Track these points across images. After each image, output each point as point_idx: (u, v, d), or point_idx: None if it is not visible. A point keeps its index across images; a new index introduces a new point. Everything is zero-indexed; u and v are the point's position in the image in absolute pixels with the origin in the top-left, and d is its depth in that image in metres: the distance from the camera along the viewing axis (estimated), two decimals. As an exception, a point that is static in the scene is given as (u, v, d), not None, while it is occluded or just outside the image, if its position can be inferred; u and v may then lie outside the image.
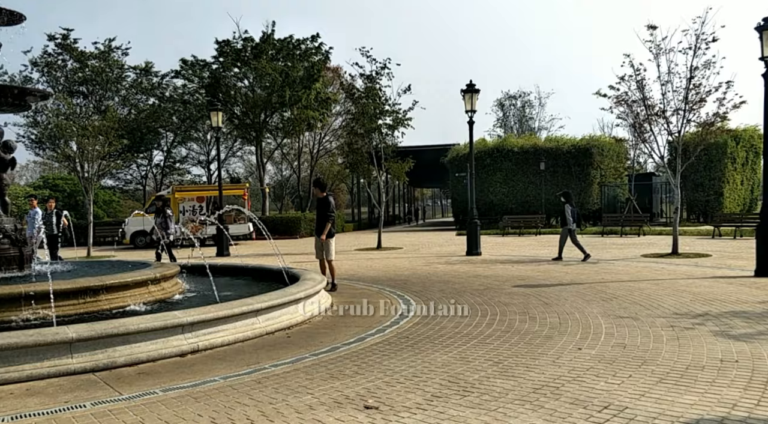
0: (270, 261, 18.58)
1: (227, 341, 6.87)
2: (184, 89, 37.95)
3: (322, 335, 7.33)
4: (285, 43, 36.19)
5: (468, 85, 19.54)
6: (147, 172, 41.41)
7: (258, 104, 34.82)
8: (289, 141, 45.16)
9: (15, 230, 9.00)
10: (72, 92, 34.62)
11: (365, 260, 17.83)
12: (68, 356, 5.82)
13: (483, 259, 17.49)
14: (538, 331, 7.40)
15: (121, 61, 35.76)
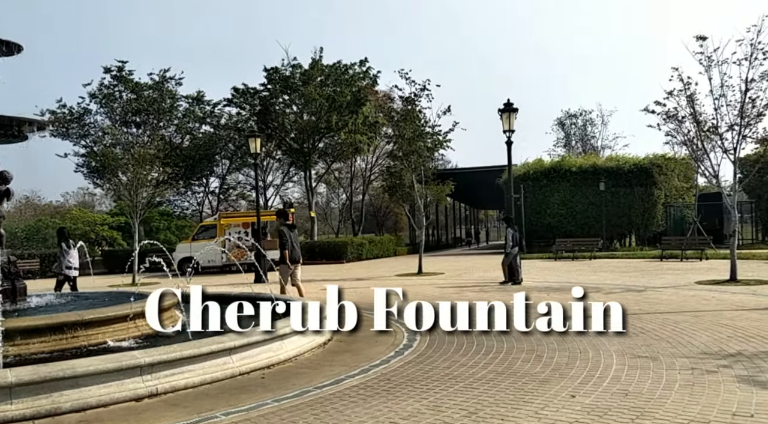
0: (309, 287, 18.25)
1: (193, 382, 6.41)
2: (238, 117, 38.58)
3: (300, 376, 6.79)
4: (333, 68, 36.31)
5: (505, 104, 18.79)
6: (203, 199, 42.20)
7: (305, 130, 34.94)
8: (341, 165, 45.20)
9: (8, 262, 8.89)
10: (126, 122, 35.70)
11: (396, 287, 17.16)
12: (7, 403, 5.47)
13: (520, 287, 16.55)
14: (537, 373, 6.62)
15: (174, 91, 36.69)
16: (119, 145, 32.05)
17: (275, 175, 44.85)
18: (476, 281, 19.16)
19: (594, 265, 23.94)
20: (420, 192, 22.23)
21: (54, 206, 51.19)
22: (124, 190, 23.44)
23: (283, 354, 7.49)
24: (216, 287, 16.76)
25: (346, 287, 17.79)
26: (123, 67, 34.86)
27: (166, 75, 36.19)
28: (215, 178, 41.54)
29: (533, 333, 9.07)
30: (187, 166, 37.89)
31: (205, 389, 6.36)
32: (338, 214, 56.37)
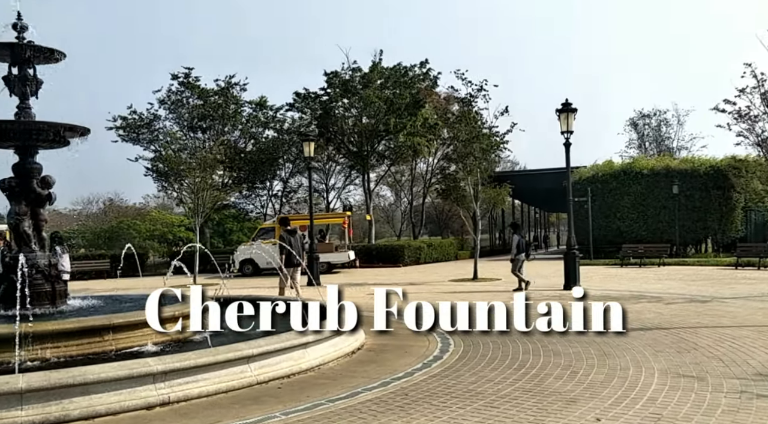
0: (356, 291, 18.10)
1: (207, 391, 6.30)
2: (300, 121, 38.98)
3: (316, 388, 6.57)
4: (393, 70, 36.16)
5: (563, 104, 18.07)
6: (266, 202, 42.88)
7: (364, 133, 34.92)
8: (401, 168, 44.95)
9: (49, 265, 9.08)
10: (193, 127, 36.63)
11: (446, 293, 16.79)
12: (18, 408, 5.48)
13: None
14: (566, 392, 6.18)
15: (239, 96, 37.41)
16: (186, 150, 32.97)
17: (337, 179, 45.12)
18: (533, 287, 18.51)
19: (661, 272, 22.79)
20: (476, 195, 21.71)
21: (136, 208, 53.06)
22: (188, 193, 23.96)
23: (306, 363, 7.29)
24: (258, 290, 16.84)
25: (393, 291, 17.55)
26: (189, 74, 35.82)
27: (231, 81, 36.98)
28: (278, 182, 42.12)
29: (577, 343, 8.62)
30: (250, 170, 38.53)
31: (218, 399, 6.23)
32: (400, 217, 56.14)
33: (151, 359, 6.24)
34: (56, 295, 9.07)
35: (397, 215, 60.55)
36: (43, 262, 9.07)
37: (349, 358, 8.02)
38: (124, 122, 36.33)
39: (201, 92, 36.05)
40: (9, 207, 9.44)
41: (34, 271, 8.94)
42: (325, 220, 31.68)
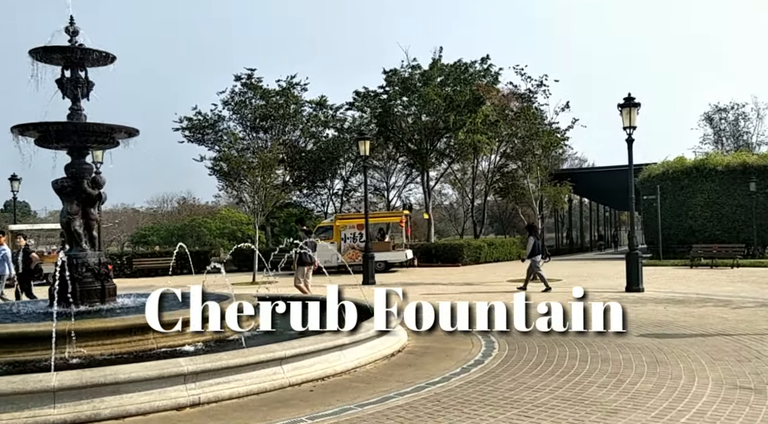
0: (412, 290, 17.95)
1: (238, 393, 6.26)
2: (360, 120, 39.09)
3: (348, 392, 6.43)
4: (453, 67, 35.73)
5: (626, 98, 17.36)
6: (327, 200, 43.20)
7: (423, 131, 34.64)
8: (463, 165, 44.44)
9: (98, 264, 9.29)
10: (254, 127, 37.26)
11: (500, 294, 16.36)
12: (50, 406, 5.57)
13: (640, 297, 15.15)
14: (608, 402, 5.82)
15: (299, 96, 37.81)
16: (249, 150, 33.58)
17: (398, 177, 45.00)
18: (594, 288, 17.86)
19: (734, 274, 21.62)
20: (535, 194, 21.18)
21: (208, 207, 54.59)
22: (248, 193, 24.37)
23: (341, 366, 7.17)
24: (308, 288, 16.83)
25: (450, 292, 17.32)
26: (252, 75, 36.48)
27: (293, 81, 37.41)
28: (339, 180, 42.39)
29: (630, 348, 8.19)
30: (311, 169, 38.89)
31: (248, 401, 6.17)
32: (463, 215, 55.50)
33: (182, 359, 6.25)
34: (105, 292, 9.28)
35: (460, 214, 59.91)
36: (93, 260, 9.29)
37: (388, 361, 7.85)
38: (189, 123, 37.31)
39: (263, 93, 36.65)
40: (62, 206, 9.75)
41: (84, 269, 9.18)
42: (383, 218, 31.56)
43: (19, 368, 6.88)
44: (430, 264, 30.01)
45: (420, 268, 28.55)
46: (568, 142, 22.20)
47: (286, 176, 37.12)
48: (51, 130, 9.31)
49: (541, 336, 9.28)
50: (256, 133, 37.58)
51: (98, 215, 9.88)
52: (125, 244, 54.64)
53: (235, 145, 35.04)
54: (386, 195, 45.96)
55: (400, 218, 28.37)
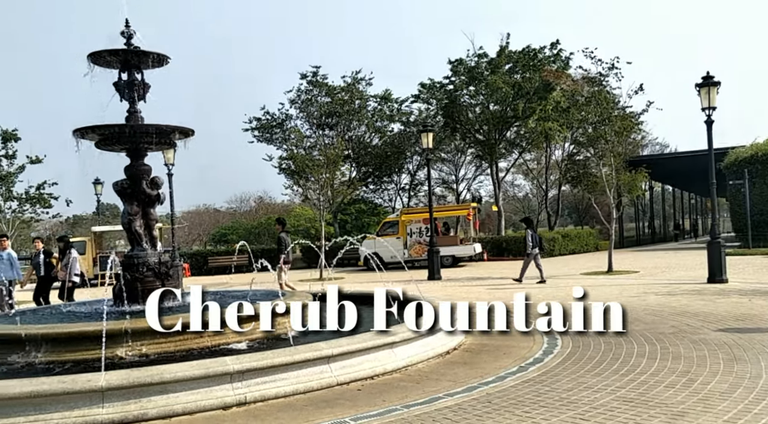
0: (478, 285, 17.56)
1: (284, 392, 6.15)
2: (426, 112, 38.73)
3: (396, 391, 6.21)
4: (522, 54, 34.81)
5: (704, 77, 16.31)
6: (394, 195, 43.11)
7: (490, 120, 33.93)
8: (535, 155, 43.39)
9: (159, 263, 9.43)
10: (320, 125, 37.54)
11: (571, 288, 15.68)
12: (99, 406, 5.61)
13: (722, 288, 14.20)
14: (675, 403, 5.36)
15: (364, 91, 37.82)
16: (315, 147, 33.86)
17: (467, 169, 44.39)
18: (673, 279, 16.97)
19: (831, 261, 20.05)
20: (609, 182, 20.22)
21: (284, 205, 55.68)
22: (313, 190, 24.54)
23: (392, 364, 6.96)
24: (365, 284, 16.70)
25: (517, 287, 16.77)
26: (317, 72, 36.74)
27: (357, 76, 37.48)
28: (406, 174, 42.20)
29: (706, 344, 7.61)
30: (376, 164, 38.86)
31: (294, 400, 6.06)
32: (537, 207, 54.22)
33: (228, 358, 6.18)
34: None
35: (534, 206, 58.62)
36: (153, 260, 9.44)
37: (442, 359, 7.58)
38: (258, 123, 37.98)
39: (328, 90, 36.85)
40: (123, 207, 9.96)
41: (144, 268, 9.35)
42: (449, 212, 31.14)
43: (80, 367, 7.03)
44: (500, 258, 29.39)
45: (489, 262, 28.01)
46: (647, 128, 21.11)
47: (352, 172, 37.25)
48: (110, 132, 9.51)
49: (609, 332, 8.82)
50: (322, 130, 37.87)
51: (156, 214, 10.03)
52: (207, 243, 56.39)
53: (302, 144, 35.41)
54: (455, 188, 45.45)
55: (467, 211, 27.87)
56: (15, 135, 23.12)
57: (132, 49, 9.78)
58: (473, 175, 44.64)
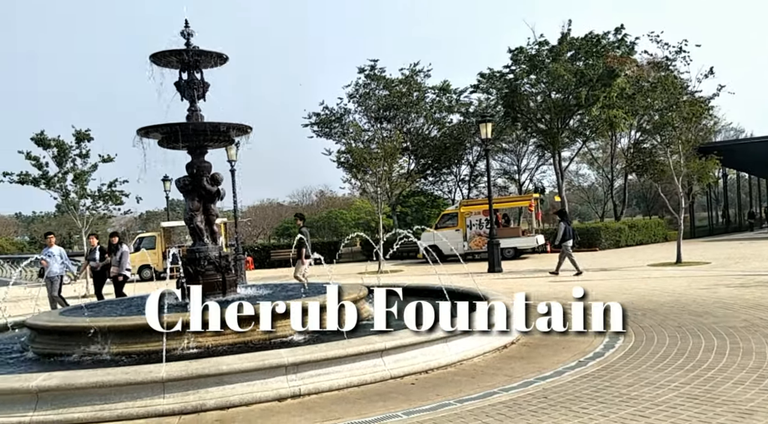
0: (539, 277, 17.23)
1: (338, 385, 6.19)
2: (486, 102, 38.20)
3: (450, 386, 6.15)
4: (585, 40, 33.84)
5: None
6: (454, 187, 42.76)
7: (552, 109, 33.15)
8: (601, 144, 42.20)
9: (219, 257, 9.65)
10: (378, 118, 37.53)
11: (637, 279, 15.23)
12: (160, 397, 5.79)
13: None
14: (743, 401, 5.12)
15: (422, 83, 37.58)
16: (373, 141, 33.92)
17: (529, 159, 43.61)
18: (744, 272, 16.18)
19: None
20: (677, 170, 19.44)
21: (344, 198, 56.26)
22: (371, 183, 24.61)
23: (446, 358, 6.89)
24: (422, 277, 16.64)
25: (585, 279, 16.37)
26: (375, 66, 36.76)
27: (415, 68, 37.28)
28: (465, 166, 41.76)
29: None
30: (435, 156, 38.61)
31: (347, 393, 6.08)
32: (603, 197, 52.78)
33: (283, 351, 6.27)
34: (226, 284, 9.64)
35: (600, 195, 57.10)
36: (214, 254, 9.67)
37: (498, 353, 7.46)
38: (317, 118, 38.35)
39: (386, 83, 36.82)
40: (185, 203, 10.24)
41: (206, 262, 9.58)
42: (510, 203, 30.66)
43: (144, 358, 7.27)
44: (563, 249, 28.74)
45: (553, 253, 27.40)
46: (718, 113, 20.14)
47: (411, 164, 37.13)
48: (170, 131, 9.76)
49: (676, 326, 8.50)
50: (379, 123, 37.87)
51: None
52: (270, 236, 57.53)
53: (360, 137, 35.52)
54: (517, 178, 44.73)
55: (529, 202, 27.37)
56: (88, 135, 24.01)
57: (191, 48, 10.04)
58: (536, 165, 43.85)
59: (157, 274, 24.94)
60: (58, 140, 23.58)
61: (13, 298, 15.12)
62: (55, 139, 23.53)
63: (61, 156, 23.56)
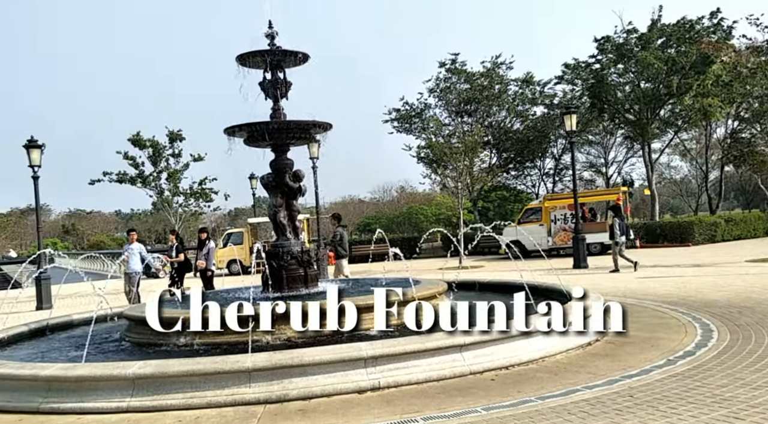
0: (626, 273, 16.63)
1: (417, 379, 6.20)
2: (572, 93, 37.23)
3: (531, 383, 6.05)
4: (677, 26, 32.38)
5: None
6: (537, 181, 41.90)
7: (641, 99, 31.86)
8: (695, 134, 40.21)
9: (301, 252, 9.87)
10: (459, 112, 37.26)
11: (733, 276, 14.44)
12: (246, 386, 5.99)
13: None
14: None
15: (505, 76, 37.02)
16: (454, 135, 33.72)
17: (617, 151, 42.15)
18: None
19: None
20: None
21: (425, 194, 56.40)
22: (451, 178, 24.50)
23: (527, 355, 6.78)
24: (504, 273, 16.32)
25: (676, 274, 15.69)
26: (455, 59, 36.55)
27: (497, 60, 36.80)
28: (549, 159, 40.83)
29: None
30: (518, 150, 37.97)
31: (426, 388, 6.09)
32: (696, 189, 50.35)
33: (363, 344, 6.34)
34: (308, 278, 9.85)
35: (694, 188, 54.54)
36: (296, 249, 9.89)
37: (582, 350, 7.26)
38: (397, 114, 38.50)
39: (467, 76, 36.52)
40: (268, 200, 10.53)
41: (289, 257, 9.82)
42: (596, 197, 29.73)
43: (233, 349, 7.54)
44: (654, 244, 27.66)
45: (643, 249, 26.41)
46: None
47: (492, 158, 36.66)
48: (255, 129, 10.05)
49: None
50: (460, 117, 37.62)
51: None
52: (352, 232, 58.34)
53: (440, 132, 35.40)
54: (604, 171, 43.35)
55: (616, 196, 26.44)
56: (180, 135, 25.18)
57: (274, 49, 10.29)
58: (624, 157, 42.40)
59: (244, 268, 25.80)
60: (153, 141, 24.80)
61: (113, 290, 16.08)
62: (150, 139, 24.77)
63: (156, 156, 24.78)
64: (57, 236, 78.44)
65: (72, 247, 74.12)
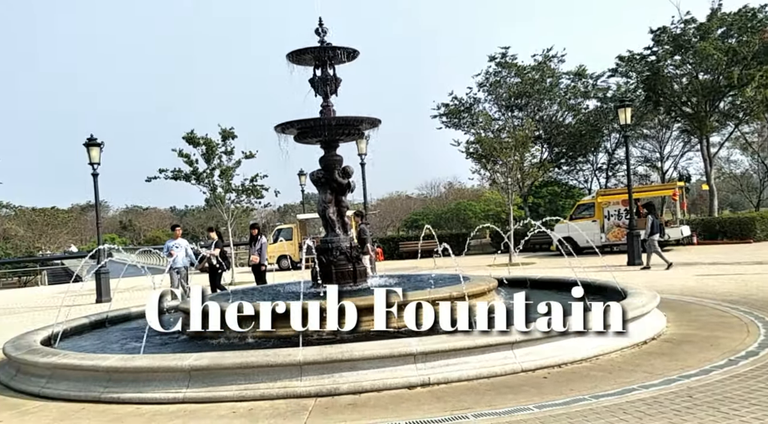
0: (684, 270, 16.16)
1: (467, 376, 6.16)
2: (626, 87, 36.33)
3: (585, 381, 5.93)
4: (738, 15, 31.21)
5: None
6: (590, 176, 41.03)
7: (699, 91, 30.83)
8: (758, 127, 38.72)
9: (350, 247, 9.92)
10: (509, 106, 36.77)
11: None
12: (298, 379, 6.07)
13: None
14: None
15: (556, 69, 36.35)
16: (504, 130, 33.32)
17: (673, 145, 40.92)
18: None
19: None
20: None
21: (474, 190, 56.01)
22: (501, 173, 24.23)
23: (581, 353, 6.65)
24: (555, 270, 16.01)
25: (737, 272, 15.16)
26: (506, 53, 36.09)
27: (549, 53, 36.18)
28: (603, 154, 39.94)
29: None
30: (570, 144, 37.25)
31: (476, 384, 6.04)
32: (757, 184, 48.50)
33: (413, 340, 6.34)
34: (357, 274, 9.90)
35: (753, 183, 52.59)
36: (345, 244, 9.95)
37: (638, 348, 7.09)
38: (446, 109, 38.25)
39: (518, 70, 36.03)
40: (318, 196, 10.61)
41: (338, 252, 9.89)
42: (651, 192, 28.88)
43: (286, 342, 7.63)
44: (712, 241, 26.76)
45: (700, 246, 25.62)
46: None
47: (543, 153, 36.08)
48: (306, 126, 10.14)
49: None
50: (510, 112, 37.14)
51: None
52: (399, 228, 58.37)
53: (490, 126, 35.03)
54: (660, 166, 42.17)
55: (672, 191, 25.69)
56: (232, 133, 25.56)
57: (325, 45, 10.35)
58: (680, 151, 41.12)
59: (293, 264, 26.13)
60: (206, 138, 25.27)
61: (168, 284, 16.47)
62: (203, 137, 25.25)
63: (209, 153, 25.24)
64: (115, 231, 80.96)
65: (129, 242, 76.37)
